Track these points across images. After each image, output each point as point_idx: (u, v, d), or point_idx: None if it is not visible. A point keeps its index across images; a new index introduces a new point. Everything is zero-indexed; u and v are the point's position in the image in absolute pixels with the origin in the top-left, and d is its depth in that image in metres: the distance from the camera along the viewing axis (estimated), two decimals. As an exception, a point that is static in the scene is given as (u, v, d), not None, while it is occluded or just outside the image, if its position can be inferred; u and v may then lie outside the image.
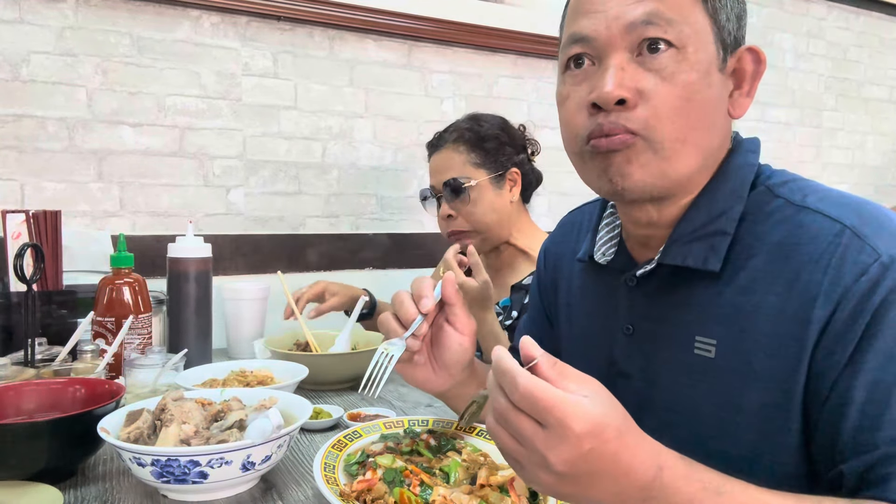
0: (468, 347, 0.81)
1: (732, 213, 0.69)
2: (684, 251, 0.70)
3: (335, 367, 1.25)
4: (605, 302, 0.81)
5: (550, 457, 0.51)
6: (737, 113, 0.71)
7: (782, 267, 0.65)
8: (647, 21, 0.65)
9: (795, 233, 0.65)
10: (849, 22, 2.81)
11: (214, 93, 1.70)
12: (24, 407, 0.88)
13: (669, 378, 0.72)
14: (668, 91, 0.66)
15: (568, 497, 0.56)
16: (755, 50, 0.70)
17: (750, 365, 0.65)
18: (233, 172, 1.74)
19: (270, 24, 1.75)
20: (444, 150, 1.48)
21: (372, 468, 0.74)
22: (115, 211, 1.61)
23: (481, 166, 1.45)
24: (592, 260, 0.83)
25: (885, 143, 2.96)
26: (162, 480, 0.73)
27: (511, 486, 0.71)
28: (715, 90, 0.68)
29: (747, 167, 0.72)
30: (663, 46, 0.65)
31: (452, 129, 1.50)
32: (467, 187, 1.43)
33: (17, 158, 1.51)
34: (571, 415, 0.51)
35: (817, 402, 0.62)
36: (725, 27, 0.68)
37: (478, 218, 1.45)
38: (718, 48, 0.68)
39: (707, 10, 0.67)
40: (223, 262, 1.67)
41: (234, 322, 1.45)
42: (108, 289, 1.16)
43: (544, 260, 0.98)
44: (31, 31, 1.51)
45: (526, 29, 2.06)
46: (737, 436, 0.67)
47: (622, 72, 0.66)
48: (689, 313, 0.71)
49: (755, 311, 0.65)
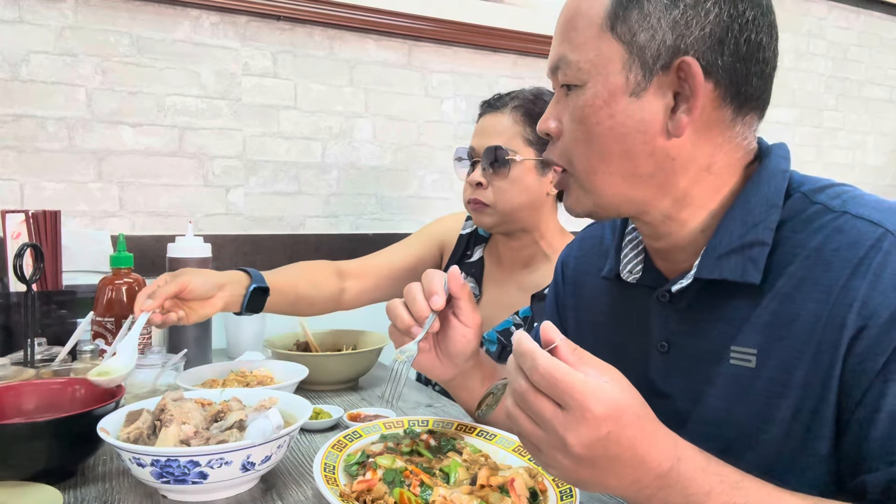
0: (472, 340, 0.83)
1: (769, 223, 0.68)
2: (721, 264, 0.69)
3: (335, 367, 1.25)
4: (637, 319, 0.80)
5: (569, 438, 0.51)
6: (675, 132, 0.67)
7: (821, 273, 0.63)
8: (556, 67, 0.72)
9: (835, 238, 0.64)
10: (849, 21, 2.81)
11: (214, 93, 1.70)
12: (23, 407, 0.88)
13: (707, 392, 0.71)
14: (573, 127, 0.71)
15: (584, 483, 0.55)
16: (688, 64, 0.64)
17: (790, 373, 0.64)
18: (233, 172, 1.74)
19: (270, 23, 1.75)
20: (500, 114, 1.32)
21: (372, 468, 0.74)
22: (114, 211, 1.61)
23: (533, 144, 1.29)
24: (619, 278, 0.82)
25: (885, 143, 2.96)
26: (162, 481, 0.73)
27: (511, 486, 0.71)
28: (621, 117, 0.67)
29: (780, 174, 0.70)
30: (570, 87, 0.70)
31: (516, 94, 1.34)
32: (510, 160, 1.27)
33: (16, 158, 1.51)
34: (592, 397, 0.51)
35: (848, 409, 0.61)
36: (647, 46, 0.65)
37: (508, 196, 1.29)
38: (632, 71, 0.66)
39: (617, 36, 0.66)
40: (223, 262, 1.67)
41: (234, 322, 1.45)
42: (108, 289, 1.16)
43: (562, 272, 0.96)
44: (31, 31, 1.51)
45: (526, 29, 2.06)
46: (770, 445, 0.66)
47: (555, 104, 0.73)
48: (726, 324, 0.70)
49: (795, 319, 0.64)
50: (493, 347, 1.32)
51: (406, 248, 1.47)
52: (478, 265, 1.44)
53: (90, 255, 1.43)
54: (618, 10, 0.66)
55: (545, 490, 0.74)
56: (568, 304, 0.94)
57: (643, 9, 0.65)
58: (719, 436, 0.69)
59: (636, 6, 0.65)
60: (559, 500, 0.72)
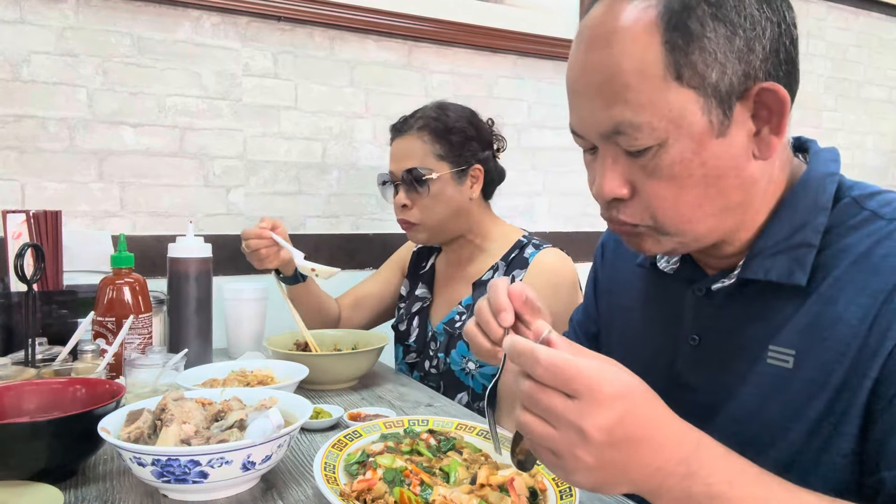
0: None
1: (816, 225, 0.67)
2: (767, 265, 0.68)
3: (335, 367, 1.25)
4: (669, 310, 0.80)
5: (586, 426, 0.49)
6: (763, 155, 0.65)
7: (868, 278, 0.63)
8: (616, 132, 0.65)
9: (884, 244, 0.64)
10: (848, 22, 2.81)
11: (215, 93, 1.70)
12: (24, 407, 0.88)
13: (738, 389, 0.71)
14: (657, 186, 0.65)
15: (609, 482, 0.53)
16: (772, 89, 0.63)
17: (828, 375, 0.64)
18: (233, 172, 1.74)
19: (270, 24, 1.75)
20: (408, 137, 1.42)
21: (372, 468, 0.74)
22: (115, 211, 1.62)
23: (444, 158, 1.40)
24: (655, 266, 0.82)
25: (884, 143, 2.96)
26: (162, 480, 0.73)
27: (511, 485, 0.71)
28: (713, 161, 0.64)
29: (829, 177, 0.70)
30: (640, 149, 0.64)
31: (419, 115, 1.43)
32: (427, 179, 1.38)
33: (17, 158, 1.51)
34: (599, 378, 0.50)
35: (877, 408, 0.61)
36: (720, 83, 0.62)
37: (433, 212, 1.41)
38: (713, 113, 0.63)
39: (686, 83, 0.62)
40: (223, 262, 1.67)
41: (234, 322, 1.45)
42: (109, 289, 1.16)
43: (602, 254, 0.98)
44: (32, 32, 1.51)
45: (526, 29, 2.06)
46: (795, 443, 0.66)
47: (614, 167, 0.67)
48: (765, 324, 0.69)
49: (837, 321, 0.64)
50: (443, 338, 1.44)
51: (377, 278, 1.66)
52: (429, 273, 1.56)
53: (91, 255, 1.43)
54: (677, 57, 0.61)
55: (545, 489, 0.74)
56: (603, 287, 0.95)
57: (705, 48, 0.61)
58: (745, 432, 0.69)
59: (696, 47, 0.61)
60: (559, 499, 0.72)
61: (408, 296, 1.58)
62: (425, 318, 1.51)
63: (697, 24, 0.61)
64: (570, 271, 1.39)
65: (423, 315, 1.52)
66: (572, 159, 2.20)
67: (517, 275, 1.36)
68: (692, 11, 0.61)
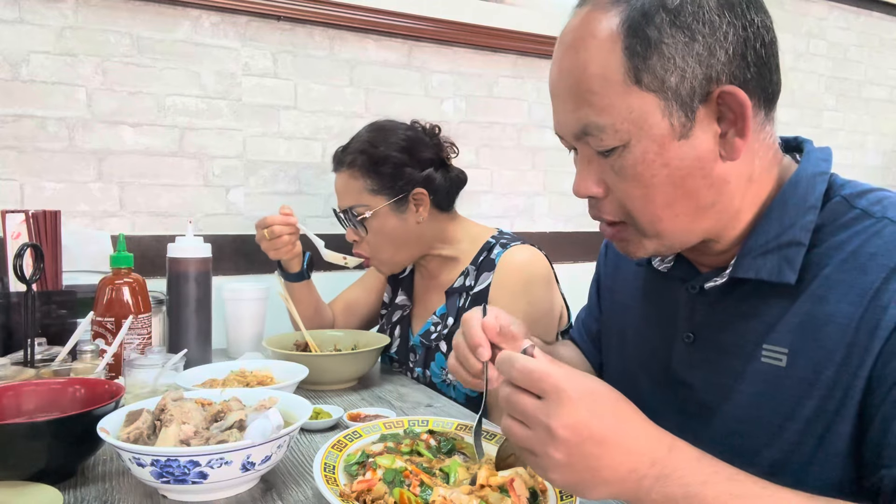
0: None
1: (806, 223, 0.68)
2: (757, 264, 0.69)
3: (335, 367, 1.25)
4: (664, 308, 0.81)
5: (553, 424, 0.53)
6: (730, 156, 0.67)
7: (857, 276, 0.64)
8: (584, 133, 0.68)
9: (873, 242, 0.64)
10: (849, 22, 2.81)
11: (214, 93, 1.70)
12: (23, 407, 0.88)
13: (734, 387, 0.71)
14: (626, 186, 0.69)
15: (583, 482, 0.55)
16: (731, 92, 0.64)
17: (819, 374, 0.65)
18: (233, 172, 1.74)
19: (270, 23, 1.75)
20: (342, 174, 1.38)
21: (372, 468, 0.74)
22: (114, 211, 1.61)
23: (379, 192, 1.34)
24: (651, 265, 0.83)
25: (885, 143, 2.96)
26: (162, 480, 0.73)
27: (511, 486, 0.71)
28: (676, 161, 0.66)
29: (819, 176, 0.70)
30: (607, 150, 0.68)
31: (350, 148, 1.37)
32: (363, 218, 1.35)
33: (16, 158, 1.51)
34: (565, 380, 0.54)
35: (873, 405, 0.61)
36: (679, 87, 0.64)
37: (381, 247, 1.38)
38: (674, 115, 0.65)
39: (646, 87, 0.64)
40: (223, 262, 1.67)
41: (234, 322, 1.45)
42: (108, 289, 1.15)
43: (605, 253, 1.01)
44: (31, 31, 1.51)
45: (526, 29, 2.06)
46: (791, 442, 0.66)
47: (589, 167, 0.71)
48: (758, 322, 0.70)
49: (828, 320, 0.65)
50: (421, 351, 1.41)
51: (363, 283, 1.65)
52: (408, 279, 1.54)
53: (90, 255, 1.43)
54: (636, 62, 0.64)
55: (545, 490, 0.74)
56: (606, 285, 0.97)
57: (663, 53, 0.63)
58: (742, 430, 0.70)
59: (655, 52, 0.63)
60: (559, 500, 0.72)
61: (390, 303, 1.57)
62: (406, 328, 1.49)
63: (655, 31, 0.63)
64: (541, 266, 1.34)
65: (403, 324, 1.50)
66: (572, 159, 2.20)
67: (486, 277, 1.33)
68: (651, 19, 0.63)
